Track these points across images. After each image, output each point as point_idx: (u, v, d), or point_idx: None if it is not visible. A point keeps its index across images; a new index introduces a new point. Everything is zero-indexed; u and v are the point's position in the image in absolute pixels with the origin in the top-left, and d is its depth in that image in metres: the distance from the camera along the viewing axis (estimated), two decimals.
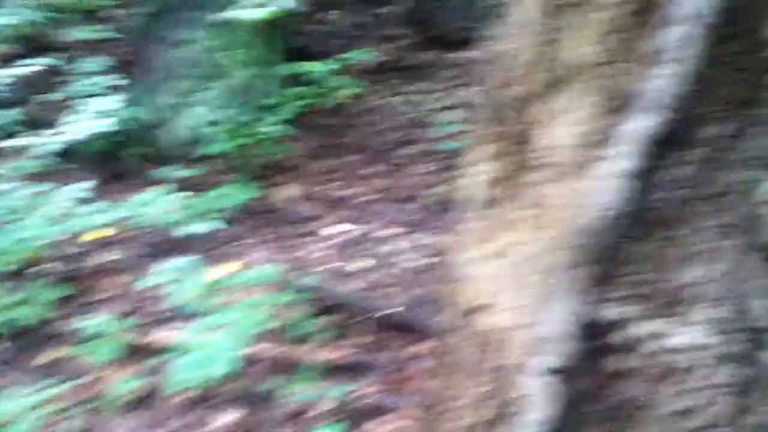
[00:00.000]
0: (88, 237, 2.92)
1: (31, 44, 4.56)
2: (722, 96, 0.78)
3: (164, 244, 3.05)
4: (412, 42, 5.31)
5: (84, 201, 2.67)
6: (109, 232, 2.95)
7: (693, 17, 0.72)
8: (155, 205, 2.85)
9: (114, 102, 3.05)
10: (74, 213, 2.59)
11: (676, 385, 0.83)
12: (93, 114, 2.92)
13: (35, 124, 3.02)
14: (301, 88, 4.10)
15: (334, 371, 2.26)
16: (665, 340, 0.83)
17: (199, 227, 2.90)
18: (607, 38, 0.88)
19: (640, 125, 0.77)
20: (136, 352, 2.33)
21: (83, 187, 2.71)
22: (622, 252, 0.84)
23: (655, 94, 0.76)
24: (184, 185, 3.33)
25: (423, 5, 5.33)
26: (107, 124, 2.91)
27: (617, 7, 0.85)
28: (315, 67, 4.11)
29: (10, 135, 2.85)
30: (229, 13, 3.41)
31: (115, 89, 3.30)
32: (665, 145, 0.79)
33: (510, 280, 1.09)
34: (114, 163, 3.75)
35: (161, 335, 2.43)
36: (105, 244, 3.04)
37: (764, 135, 0.77)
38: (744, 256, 0.78)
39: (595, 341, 0.88)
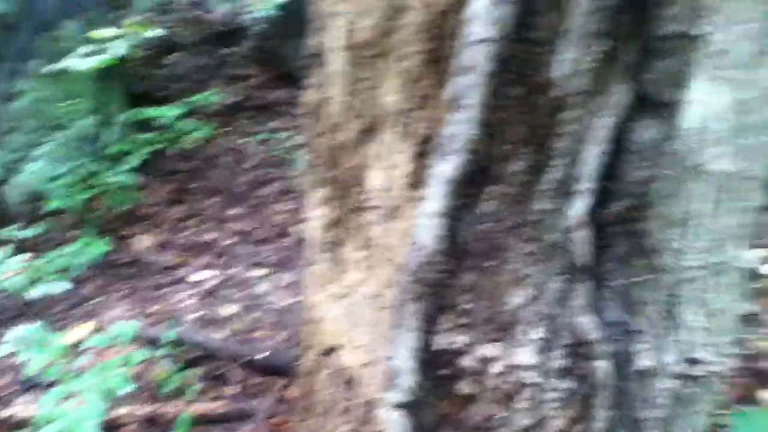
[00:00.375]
0: None
1: None
2: (517, 135, 0.83)
3: (8, 311, 2.84)
4: (259, 81, 5.32)
5: None
6: None
7: (472, 67, 0.79)
8: None
9: None
10: None
11: (519, 403, 0.90)
12: None
13: None
14: (147, 134, 3.98)
15: (209, 424, 2.21)
16: (498, 363, 0.90)
17: (46, 290, 2.73)
18: (408, 87, 0.94)
19: (443, 168, 0.84)
20: None
21: None
22: (445, 285, 0.90)
23: (452, 139, 0.83)
24: (25, 246, 3.12)
25: (267, 44, 5.36)
26: None
27: (413, 57, 0.92)
28: (161, 112, 4.02)
29: None
30: (62, 64, 3.26)
31: None
32: (469, 183, 0.85)
33: (354, 319, 1.13)
34: None
35: (17, 409, 2.26)
36: None
37: (560, 167, 0.82)
38: (563, 277, 0.85)
39: (438, 371, 0.93)
